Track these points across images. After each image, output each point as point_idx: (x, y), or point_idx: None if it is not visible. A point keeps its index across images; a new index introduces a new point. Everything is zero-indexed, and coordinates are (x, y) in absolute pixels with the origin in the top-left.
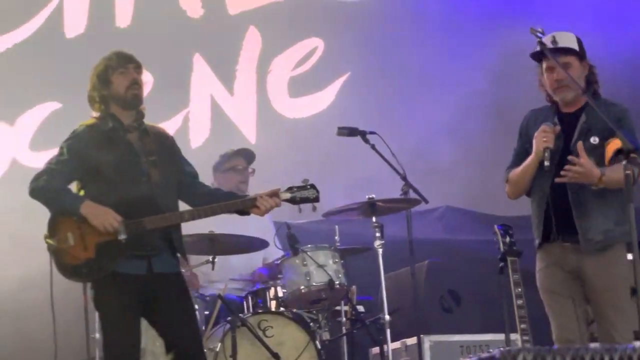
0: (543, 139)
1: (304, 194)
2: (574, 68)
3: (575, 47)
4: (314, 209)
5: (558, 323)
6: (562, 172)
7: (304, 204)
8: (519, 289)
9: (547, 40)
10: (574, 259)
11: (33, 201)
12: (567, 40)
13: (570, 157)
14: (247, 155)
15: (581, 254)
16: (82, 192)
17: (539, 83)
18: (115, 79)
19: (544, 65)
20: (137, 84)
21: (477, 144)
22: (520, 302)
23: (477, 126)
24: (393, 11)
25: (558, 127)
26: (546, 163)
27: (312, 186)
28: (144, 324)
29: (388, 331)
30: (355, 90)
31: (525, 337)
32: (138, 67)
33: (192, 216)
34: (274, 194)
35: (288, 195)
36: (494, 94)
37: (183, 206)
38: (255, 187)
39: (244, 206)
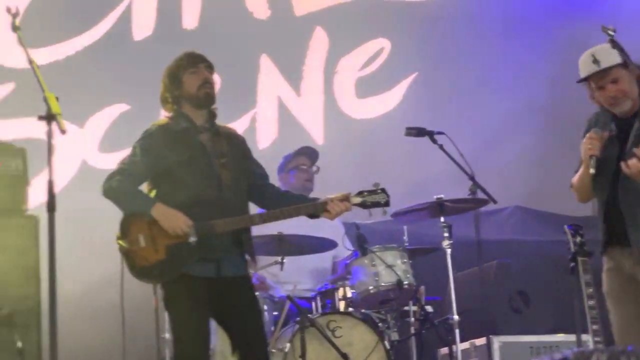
0: (588, 146)
1: (374, 199)
2: (623, 80)
3: (618, 59)
4: (384, 213)
5: (618, 325)
6: (622, 166)
7: (374, 208)
8: (590, 290)
9: (586, 59)
10: (629, 264)
11: (104, 202)
12: (607, 55)
13: (622, 162)
14: (310, 154)
15: (634, 260)
16: (153, 192)
17: (591, 96)
18: (187, 78)
19: (593, 85)
20: (208, 83)
21: (544, 143)
22: (591, 302)
23: (544, 125)
24: (458, 11)
25: (606, 134)
26: (591, 171)
27: (383, 190)
28: (214, 324)
29: (457, 332)
30: (422, 91)
31: (597, 338)
32: (209, 67)
33: (263, 219)
34: (345, 198)
35: (359, 200)
36: (555, 93)
37: (253, 208)
38: (322, 188)
39: (315, 210)
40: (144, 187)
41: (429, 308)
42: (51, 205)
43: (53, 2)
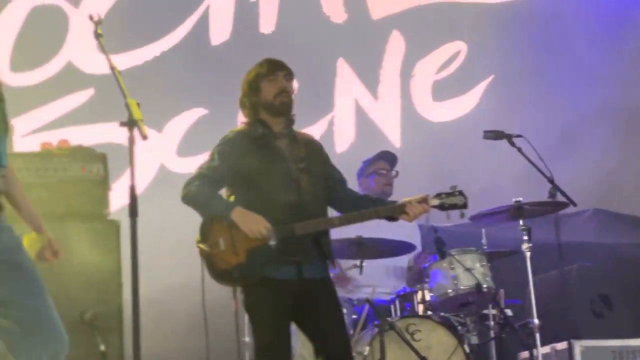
0: None
1: (452, 201)
2: None
3: None
4: (462, 215)
5: None
6: None
7: (452, 210)
8: None
9: None
10: None
11: (183, 206)
12: None
13: None
14: (389, 158)
15: None
16: (232, 198)
17: None
18: (265, 86)
19: None
20: (285, 92)
21: (621, 144)
22: None
23: (621, 126)
24: (534, 13)
25: None
26: None
27: (460, 192)
28: (294, 327)
29: (537, 335)
30: (498, 93)
31: None
32: (288, 75)
33: (342, 222)
34: (423, 200)
35: (436, 202)
36: (631, 94)
37: (331, 213)
38: (400, 191)
39: (393, 212)
40: (223, 193)
41: (509, 311)
42: (133, 211)
43: (131, 8)
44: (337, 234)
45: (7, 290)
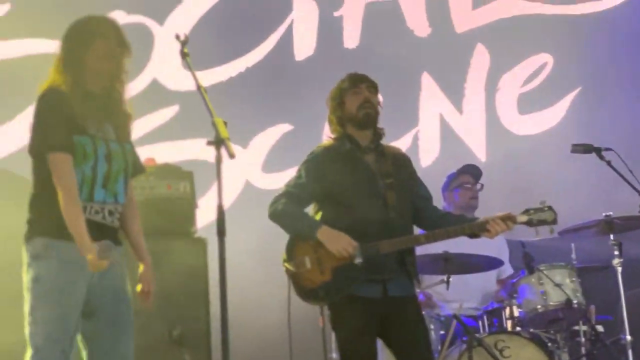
0: None
1: (541, 216)
2: None
3: None
4: (552, 231)
5: None
6: None
7: (541, 227)
8: None
9: None
10: None
11: (269, 222)
12: None
13: None
14: (474, 172)
15: None
16: (319, 214)
17: None
18: (348, 99)
19: None
20: (369, 103)
21: None
22: None
23: None
24: (621, 25)
25: None
26: None
27: (550, 208)
28: (380, 343)
29: (630, 352)
30: (585, 106)
31: None
32: (371, 87)
33: (428, 239)
34: (507, 218)
35: (525, 218)
36: None
37: (415, 230)
38: (485, 205)
39: (477, 229)
40: (311, 208)
41: (600, 328)
42: (221, 230)
43: (215, 25)
44: (424, 249)
45: (101, 317)
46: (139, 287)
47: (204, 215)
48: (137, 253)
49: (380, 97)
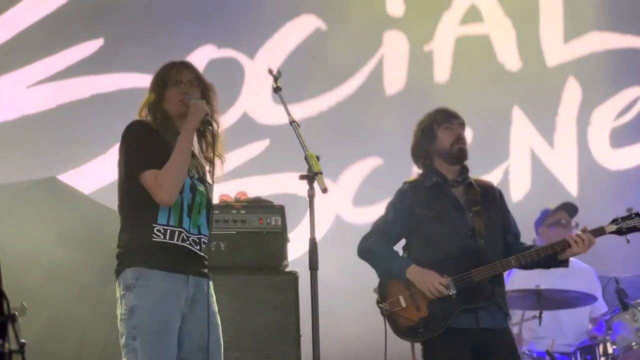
0: None
1: (629, 224)
2: None
3: None
4: None
5: None
6: None
7: (630, 234)
8: None
9: None
10: None
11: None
12: None
13: None
14: (570, 209)
15: None
16: (409, 249)
17: None
18: (441, 134)
19: None
20: (462, 139)
21: None
22: None
23: None
24: None
25: None
26: None
27: (638, 214)
28: None
29: None
30: None
31: None
32: (462, 124)
33: (519, 262)
34: (585, 231)
35: (614, 227)
36: None
37: None
38: None
39: (559, 248)
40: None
41: None
42: (313, 264)
43: (306, 59)
44: (517, 284)
45: (188, 348)
46: None
47: (295, 249)
48: None
49: (469, 132)
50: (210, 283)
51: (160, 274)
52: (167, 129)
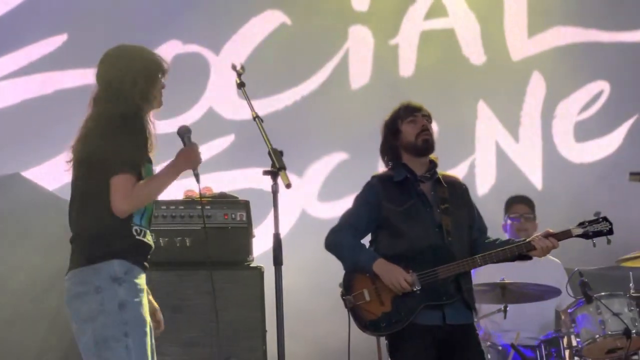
0: None
1: (596, 228)
2: None
3: None
4: (609, 242)
5: None
6: None
7: (597, 238)
8: None
9: None
10: None
11: (325, 251)
12: None
13: None
14: (528, 202)
15: None
16: (376, 243)
17: None
18: (405, 127)
19: None
20: (426, 130)
21: None
22: None
23: None
24: None
25: None
26: None
27: (605, 219)
28: None
29: None
30: None
31: None
32: (426, 116)
33: (485, 260)
34: (549, 234)
35: (580, 231)
36: None
37: None
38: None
39: (523, 249)
40: (368, 237)
41: None
42: (278, 259)
43: (271, 54)
44: (481, 278)
45: None
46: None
47: (260, 244)
48: None
49: (435, 127)
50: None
51: (139, 271)
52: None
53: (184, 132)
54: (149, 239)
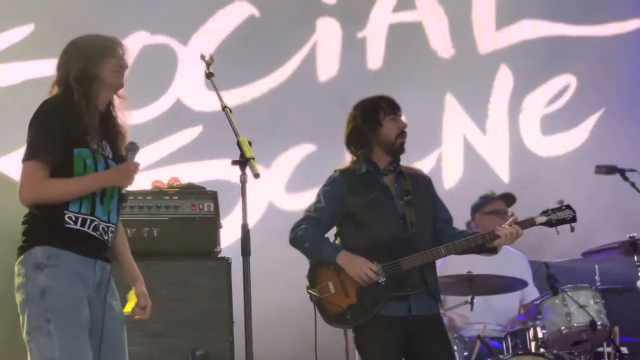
0: None
1: (559, 216)
2: None
3: None
4: (572, 229)
5: None
6: None
7: (560, 226)
8: None
9: None
10: None
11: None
12: None
13: None
14: (509, 200)
15: None
16: (340, 236)
17: None
18: (387, 124)
19: None
20: (405, 133)
21: None
22: None
23: None
24: None
25: None
26: None
27: (568, 206)
28: None
29: None
30: (609, 127)
31: None
32: (402, 116)
33: (448, 251)
34: (514, 222)
35: (544, 219)
36: None
37: None
38: None
39: (488, 238)
40: (333, 231)
41: (624, 349)
42: (245, 250)
43: (238, 46)
44: (449, 270)
45: (98, 333)
46: (127, 308)
47: (228, 236)
48: (131, 271)
49: (403, 119)
50: (109, 267)
51: (71, 255)
52: (89, 102)
53: (129, 149)
54: (92, 225)
